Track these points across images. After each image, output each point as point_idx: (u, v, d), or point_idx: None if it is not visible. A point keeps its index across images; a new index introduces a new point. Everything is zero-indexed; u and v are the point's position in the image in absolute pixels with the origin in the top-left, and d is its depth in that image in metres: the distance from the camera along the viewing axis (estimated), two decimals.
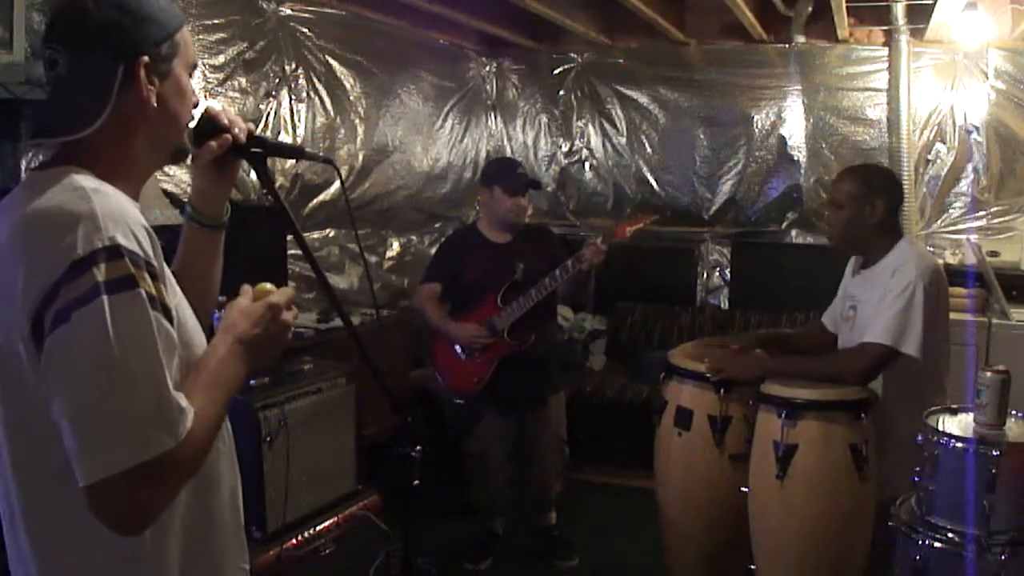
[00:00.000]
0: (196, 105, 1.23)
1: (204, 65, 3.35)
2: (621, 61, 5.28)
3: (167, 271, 1.13)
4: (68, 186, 1.05)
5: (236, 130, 1.28)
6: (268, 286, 1.27)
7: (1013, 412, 2.17)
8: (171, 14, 1.15)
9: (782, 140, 4.99)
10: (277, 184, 3.75)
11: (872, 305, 2.44)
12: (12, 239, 1.03)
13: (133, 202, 1.13)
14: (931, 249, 4.64)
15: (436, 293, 3.41)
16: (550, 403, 3.48)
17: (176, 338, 1.07)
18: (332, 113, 4.10)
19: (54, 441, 1.01)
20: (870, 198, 2.47)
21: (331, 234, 4.23)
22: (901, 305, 2.32)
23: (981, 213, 4.68)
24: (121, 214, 1.04)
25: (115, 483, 0.97)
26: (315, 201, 4.04)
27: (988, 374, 2.11)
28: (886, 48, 4.68)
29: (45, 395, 1.00)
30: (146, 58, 1.10)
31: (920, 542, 2.05)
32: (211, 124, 1.27)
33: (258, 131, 1.35)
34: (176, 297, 1.14)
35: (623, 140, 5.33)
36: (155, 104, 1.12)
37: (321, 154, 1.51)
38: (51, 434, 1.01)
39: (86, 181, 1.06)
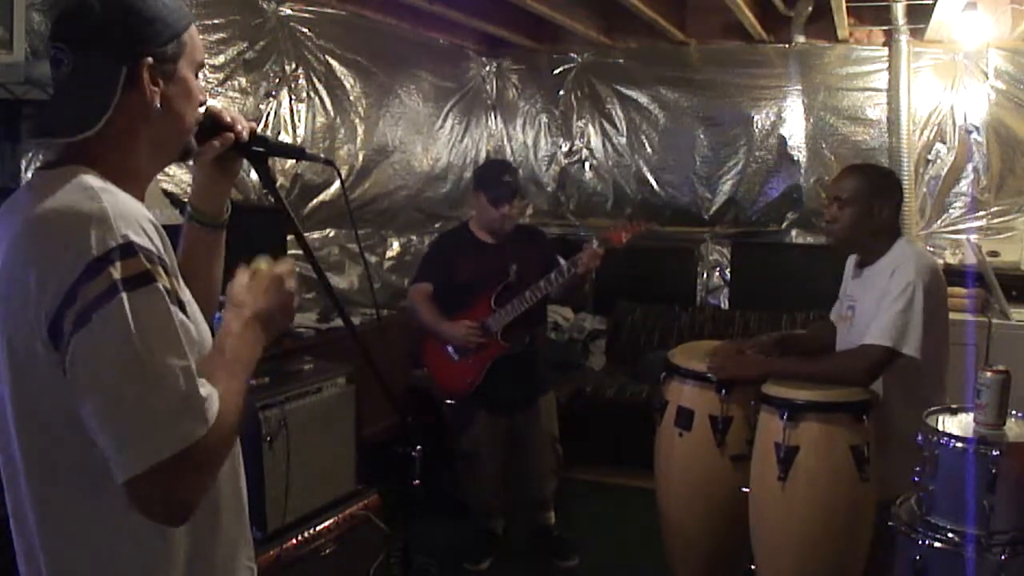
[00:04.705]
0: (203, 104, 1.23)
1: (204, 65, 3.35)
2: (621, 61, 5.28)
3: (177, 268, 1.13)
4: (77, 186, 1.05)
5: (238, 127, 1.28)
6: (263, 264, 1.26)
7: (1013, 412, 2.17)
8: (178, 14, 1.15)
9: (782, 140, 4.99)
10: (277, 184, 3.75)
11: (870, 305, 2.43)
12: (23, 239, 1.04)
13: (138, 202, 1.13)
14: (931, 249, 4.65)
15: (429, 293, 3.41)
16: (540, 403, 3.48)
17: (193, 331, 1.08)
18: (332, 113, 4.09)
19: (68, 441, 1.01)
20: (878, 198, 2.46)
21: (331, 234, 4.23)
22: (901, 306, 2.32)
23: (981, 213, 4.68)
24: (131, 211, 1.05)
25: (154, 476, 0.98)
26: (315, 201, 4.04)
27: (988, 374, 2.11)
28: (886, 48, 4.68)
29: (71, 397, 1.00)
30: (150, 59, 1.10)
31: (920, 542, 2.05)
32: (213, 122, 1.26)
33: (259, 131, 1.35)
34: (187, 293, 1.14)
35: (623, 140, 5.33)
36: (159, 105, 1.12)
37: (322, 155, 1.51)
38: (65, 434, 1.02)
39: (94, 181, 1.07)
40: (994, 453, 1.98)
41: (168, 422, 0.99)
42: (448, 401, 3.43)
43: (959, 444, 2.04)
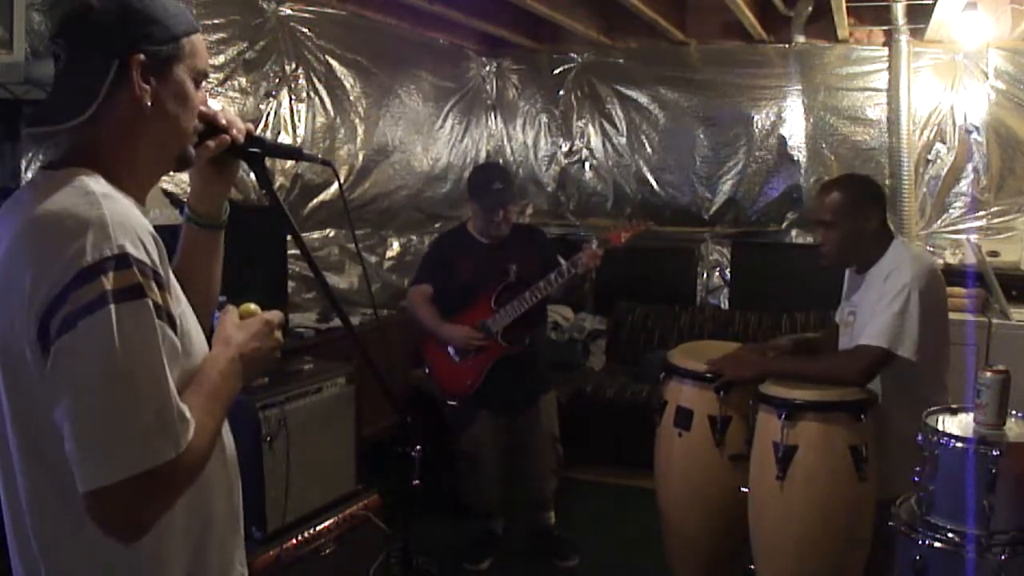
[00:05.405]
0: (207, 117, 1.23)
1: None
2: (621, 61, 5.28)
3: (172, 279, 1.13)
4: (78, 189, 1.05)
5: (234, 130, 1.28)
6: (253, 306, 1.29)
7: (1013, 412, 2.17)
8: (179, 19, 1.15)
9: (782, 140, 4.99)
10: (277, 184, 3.76)
11: (869, 308, 2.43)
12: (21, 239, 1.04)
13: (139, 207, 1.13)
14: (931, 249, 4.65)
15: (428, 295, 3.41)
16: (540, 403, 3.48)
17: (180, 348, 1.08)
18: (332, 113, 4.09)
19: (61, 443, 1.01)
20: (862, 208, 2.45)
21: (331, 234, 4.23)
22: (897, 308, 2.32)
23: (981, 213, 4.67)
24: (129, 221, 1.05)
25: (115, 491, 0.98)
26: (315, 201, 4.04)
27: (988, 374, 2.11)
28: (886, 48, 4.68)
29: (49, 399, 1.00)
30: (141, 56, 1.10)
31: (920, 542, 2.05)
32: (208, 125, 1.26)
33: (258, 131, 1.35)
34: (180, 305, 1.14)
35: (623, 140, 5.32)
36: (149, 104, 1.12)
37: (319, 156, 1.51)
38: (59, 437, 1.01)
39: (96, 185, 1.07)
40: (994, 453, 1.98)
41: (138, 439, 0.99)
42: (450, 403, 3.43)
43: (959, 444, 2.04)
